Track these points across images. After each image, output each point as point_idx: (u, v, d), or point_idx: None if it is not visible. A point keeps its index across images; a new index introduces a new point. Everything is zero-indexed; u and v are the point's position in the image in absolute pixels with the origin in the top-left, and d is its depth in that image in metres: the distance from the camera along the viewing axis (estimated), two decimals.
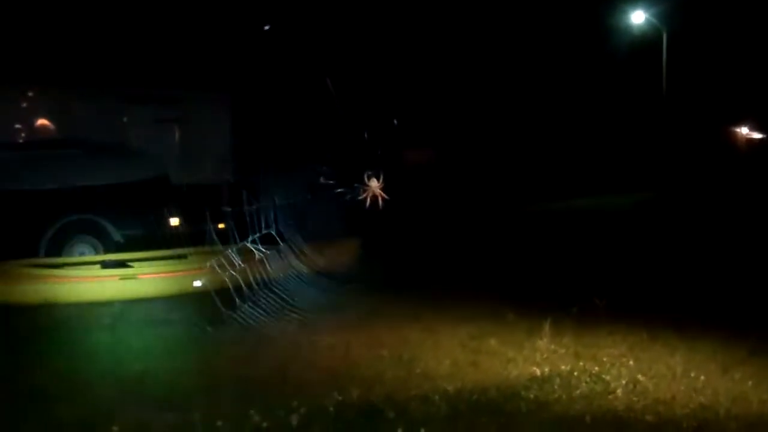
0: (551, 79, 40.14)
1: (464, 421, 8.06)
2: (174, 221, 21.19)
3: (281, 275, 16.55)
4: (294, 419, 7.95)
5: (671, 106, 39.06)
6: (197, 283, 15.33)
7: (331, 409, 8.32)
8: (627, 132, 41.59)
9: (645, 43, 39.78)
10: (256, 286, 14.57)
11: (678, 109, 39.86)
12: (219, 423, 7.85)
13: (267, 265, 17.31)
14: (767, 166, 42.55)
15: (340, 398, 8.72)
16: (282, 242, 18.99)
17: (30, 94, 22.53)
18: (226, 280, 14.63)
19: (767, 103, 44.32)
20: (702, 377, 10.00)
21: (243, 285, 14.20)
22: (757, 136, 48.56)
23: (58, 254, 18.35)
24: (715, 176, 39.87)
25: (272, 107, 28.03)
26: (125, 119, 23.08)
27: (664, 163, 38.04)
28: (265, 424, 7.84)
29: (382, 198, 27.19)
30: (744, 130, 48.73)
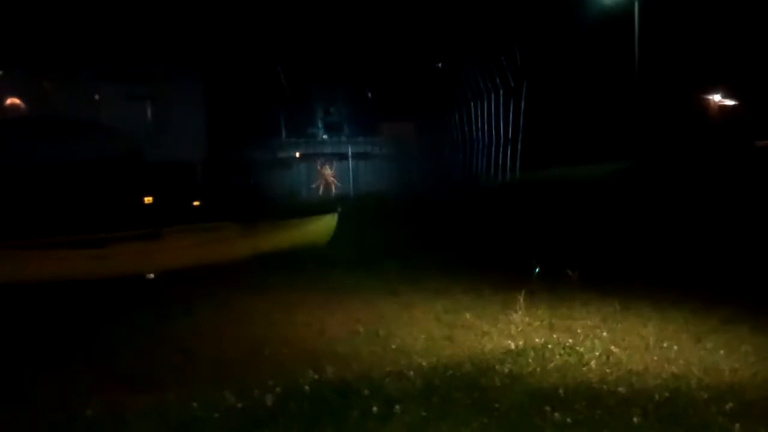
0: (525, 47, 40.07)
1: (439, 396, 8.07)
2: (147, 198, 21.17)
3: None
4: (269, 399, 7.92)
5: (644, 74, 39.12)
6: (150, 276, 15.27)
7: (307, 387, 8.30)
8: (601, 101, 41.64)
9: (617, 10, 39.74)
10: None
11: (651, 77, 39.90)
12: (194, 404, 7.83)
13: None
14: (739, 133, 42.85)
15: (315, 376, 8.72)
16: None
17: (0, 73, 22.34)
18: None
19: (739, 71, 44.50)
20: (674, 347, 10.10)
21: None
22: (729, 103, 48.75)
23: None
24: (689, 144, 40.07)
25: (244, 84, 27.92)
26: (97, 97, 22.96)
27: (638, 132, 38.16)
28: (240, 405, 7.82)
29: (335, 185, 27.29)
30: (716, 98, 48.91)
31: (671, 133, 41.27)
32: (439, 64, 38.60)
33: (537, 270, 13.30)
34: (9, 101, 22.80)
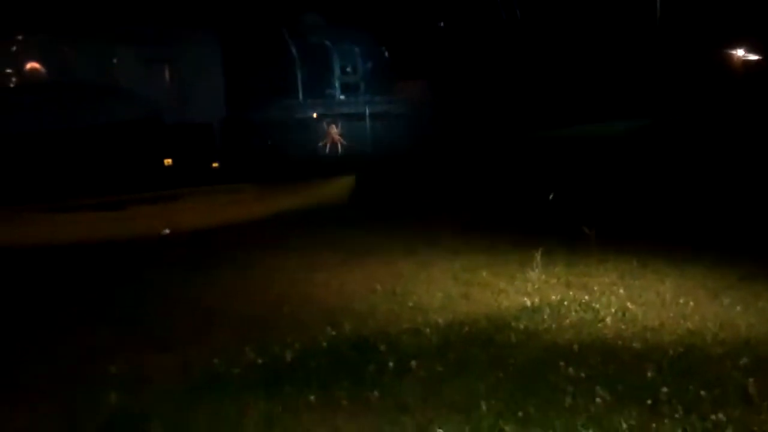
0: (547, 6, 39.73)
1: (455, 352, 8.16)
2: (167, 160, 21.34)
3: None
4: (288, 355, 8.07)
5: (666, 29, 38.66)
6: (166, 231, 15.39)
7: (325, 344, 8.45)
8: (622, 58, 41.24)
9: None
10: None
11: (673, 32, 39.41)
12: (215, 360, 7.98)
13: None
14: (763, 88, 42.24)
15: (333, 333, 8.86)
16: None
17: (19, 38, 22.43)
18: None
19: (763, 24, 43.78)
20: (691, 303, 10.07)
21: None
22: (753, 57, 47.98)
23: None
24: (710, 101, 39.59)
25: (262, 45, 27.87)
26: (115, 60, 23.03)
27: (660, 89, 37.80)
28: (260, 361, 7.96)
29: (341, 143, 27.31)
30: (740, 52, 48.13)
31: (692, 89, 40.79)
32: (441, 23, 38.35)
33: (551, 197, 13.28)
34: (29, 66, 22.89)
